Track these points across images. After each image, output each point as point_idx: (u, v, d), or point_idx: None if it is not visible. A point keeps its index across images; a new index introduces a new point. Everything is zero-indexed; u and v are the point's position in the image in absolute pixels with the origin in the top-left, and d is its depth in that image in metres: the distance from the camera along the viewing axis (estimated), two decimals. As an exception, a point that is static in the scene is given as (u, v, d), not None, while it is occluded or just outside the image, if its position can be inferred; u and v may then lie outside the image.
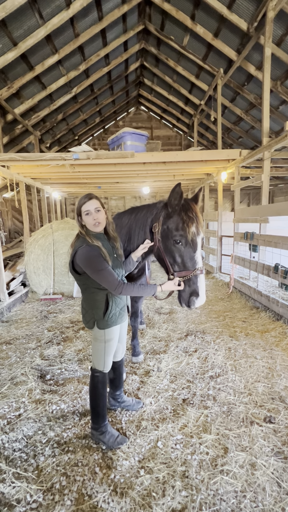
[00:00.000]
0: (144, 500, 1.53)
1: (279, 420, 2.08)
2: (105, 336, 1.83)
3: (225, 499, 1.52)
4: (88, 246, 1.68)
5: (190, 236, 1.91)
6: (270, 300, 4.16)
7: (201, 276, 1.92)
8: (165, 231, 2.03)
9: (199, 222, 1.96)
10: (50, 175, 6.76)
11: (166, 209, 2.04)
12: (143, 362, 2.97)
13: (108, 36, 6.59)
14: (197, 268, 1.91)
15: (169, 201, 2.00)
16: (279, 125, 7.20)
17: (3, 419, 2.14)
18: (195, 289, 1.90)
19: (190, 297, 1.91)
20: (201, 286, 1.90)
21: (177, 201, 1.95)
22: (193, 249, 1.94)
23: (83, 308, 1.91)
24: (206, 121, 9.08)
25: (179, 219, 1.94)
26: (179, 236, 1.93)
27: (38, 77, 6.35)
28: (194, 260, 1.93)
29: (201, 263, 1.95)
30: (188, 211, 1.95)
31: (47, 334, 3.77)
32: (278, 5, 4.35)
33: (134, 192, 11.84)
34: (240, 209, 5.58)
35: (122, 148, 5.65)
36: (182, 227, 1.92)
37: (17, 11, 4.57)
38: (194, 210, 1.96)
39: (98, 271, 1.66)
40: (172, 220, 1.99)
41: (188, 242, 1.92)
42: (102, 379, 1.90)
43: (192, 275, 1.90)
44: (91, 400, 1.93)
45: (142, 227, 2.21)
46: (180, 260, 1.96)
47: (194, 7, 5.53)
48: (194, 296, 1.90)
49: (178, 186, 1.91)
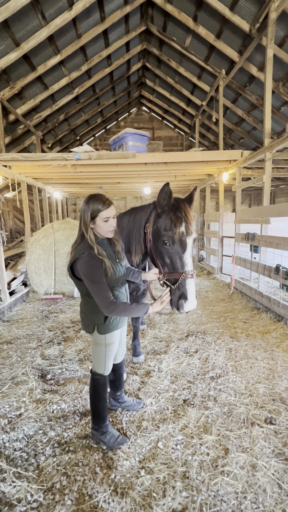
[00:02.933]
0: (145, 500, 1.52)
1: (280, 421, 2.07)
2: (106, 340, 1.79)
3: (225, 500, 1.52)
4: (90, 257, 1.59)
5: (177, 236, 1.84)
6: (271, 301, 4.15)
7: (190, 280, 1.84)
8: (155, 232, 1.99)
9: (189, 222, 1.88)
10: (52, 175, 6.77)
11: (156, 209, 2.00)
12: (143, 363, 2.97)
13: (110, 37, 6.60)
14: (186, 271, 1.83)
15: (158, 201, 1.94)
16: (281, 126, 7.20)
17: (4, 418, 2.14)
18: (184, 293, 1.82)
19: (179, 301, 1.83)
20: (190, 290, 1.81)
21: (166, 201, 1.90)
22: (181, 250, 1.86)
23: (82, 312, 1.85)
24: (207, 122, 9.08)
25: (168, 219, 1.89)
26: (167, 237, 1.87)
27: (40, 78, 6.37)
28: (183, 262, 1.85)
29: (191, 266, 1.87)
30: (178, 211, 1.88)
31: (48, 334, 3.78)
32: (280, 6, 4.35)
33: (135, 192, 11.85)
34: (241, 210, 5.58)
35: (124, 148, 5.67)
36: (169, 227, 1.86)
37: (20, 11, 4.59)
38: (184, 210, 1.89)
39: (95, 283, 1.60)
40: (160, 220, 1.94)
41: (176, 243, 1.86)
42: (102, 382, 1.88)
43: (182, 279, 1.82)
44: (91, 402, 1.92)
45: (138, 228, 2.18)
46: (169, 261, 1.90)
47: (196, 8, 5.54)
48: (183, 299, 1.81)
49: (166, 185, 1.85)
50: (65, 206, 12.49)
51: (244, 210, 5.51)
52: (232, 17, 5.08)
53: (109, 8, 5.71)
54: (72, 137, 10.51)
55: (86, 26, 5.78)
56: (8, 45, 5.06)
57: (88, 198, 1.66)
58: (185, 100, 9.15)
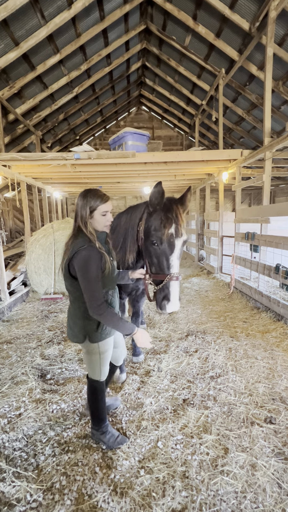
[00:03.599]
0: (144, 500, 1.52)
1: (280, 421, 2.07)
2: (100, 349, 1.71)
3: (225, 499, 1.52)
4: (91, 249, 1.54)
5: (165, 237, 1.82)
6: (271, 301, 4.15)
7: (175, 282, 1.83)
8: (146, 230, 1.97)
9: (179, 224, 1.85)
10: (51, 175, 6.76)
11: (148, 208, 1.98)
12: (143, 362, 2.97)
13: (109, 36, 6.59)
14: (171, 274, 1.82)
15: (149, 200, 1.92)
16: (281, 125, 7.19)
17: (3, 418, 2.14)
18: (167, 294, 1.82)
19: (162, 302, 1.84)
20: (173, 292, 1.82)
21: (157, 200, 1.88)
22: (169, 251, 1.84)
23: (70, 319, 1.72)
24: (207, 121, 9.07)
25: (158, 219, 1.86)
26: (155, 237, 1.85)
27: (39, 77, 6.35)
28: (169, 264, 1.84)
29: (177, 268, 1.85)
30: (169, 211, 1.86)
31: (48, 334, 3.77)
32: (280, 5, 4.34)
33: (135, 192, 11.84)
34: (241, 209, 5.57)
35: (123, 148, 5.65)
36: (159, 227, 1.84)
37: (19, 11, 4.58)
38: (175, 211, 1.87)
39: (90, 278, 1.51)
40: (151, 220, 1.92)
41: (164, 244, 1.84)
42: (100, 387, 1.85)
43: (167, 280, 1.81)
44: (90, 405, 1.89)
45: (133, 225, 2.16)
46: (156, 262, 1.89)
47: (196, 7, 5.53)
48: (166, 300, 1.82)
49: (158, 184, 1.84)
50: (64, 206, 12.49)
51: (244, 209, 5.50)
52: (232, 15, 5.07)
53: (108, 7, 5.70)
54: (72, 137, 10.51)
55: (85, 25, 5.77)
56: (7, 45, 5.05)
57: (85, 193, 1.63)
58: (185, 99, 9.14)
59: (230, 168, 6.05)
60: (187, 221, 10.68)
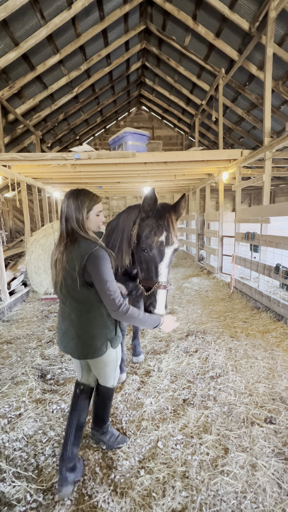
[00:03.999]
0: (144, 500, 1.52)
1: (280, 421, 2.07)
2: (117, 353, 1.68)
3: (225, 499, 1.52)
4: (101, 247, 1.47)
5: (155, 245, 1.79)
6: (271, 301, 4.15)
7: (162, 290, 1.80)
8: (138, 235, 1.94)
9: (171, 232, 1.81)
10: (51, 175, 6.77)
11: (141, 214, 1.95)
12: (143, 362, 2.97)
13: (109, 36, 6.59)
14: (159, 282, 1.79)
15: (142, 206, 1.87)
16: (281, 125, 7.19)
17: (3, 418, 2.14)
18: (153, 302, 1.80)
19: (149, 307, 1.81)
20: (159, 300, 1.79)
21: (150, 207, 1.82)
22: (158, 259, 1.81)
23: (85, 335, 1.55)
24: (207, 121, 9.07)
25: (149, 226, 1.82)
26: (145, 244, 1.82)
27: (39, 77, 6.36)
28: (158, 272, 1.81)
29: (165, 277, 1.82)
30: (161, 219, 1.81)
31: (48, 334, 3.77)
32: (280, 5, 4.34)
33: (135, 192, 11.85)
34: (241, 209, 5.57)
35: (123, 148, 5.65)
36: (149, 234, 1.80)
37: (19, 11, 4.58)
38: (168, 219, 1.82)
39: (110, 278, 1.44)
40: (143, 225, 1.89)
41: (153, 251, 1.80)
42: (111, 393, 1.82)
43: (154, 288, 1.79)
44: (97, 410, 1.85)
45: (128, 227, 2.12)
46: (145, 268, 1.87)
47: (196, 7, 5.53)
48: (152, 307, 1.80)
49: (151, 191, 1.80)
50: (65, 206, 12.47)
51: (244, 209, 5.50)
52: (232, 15, 5.07)
53: (108, 7, 5.70)
54: (72, 137, 10.51)
55: (85, 25, 5.78)
56: (7, 45, 5.05)
57: (76, 194, 1.54)
58: (184, 99, 9.14)
59: (230, 168, 6.05)
60: (187, 221, 10.68)
